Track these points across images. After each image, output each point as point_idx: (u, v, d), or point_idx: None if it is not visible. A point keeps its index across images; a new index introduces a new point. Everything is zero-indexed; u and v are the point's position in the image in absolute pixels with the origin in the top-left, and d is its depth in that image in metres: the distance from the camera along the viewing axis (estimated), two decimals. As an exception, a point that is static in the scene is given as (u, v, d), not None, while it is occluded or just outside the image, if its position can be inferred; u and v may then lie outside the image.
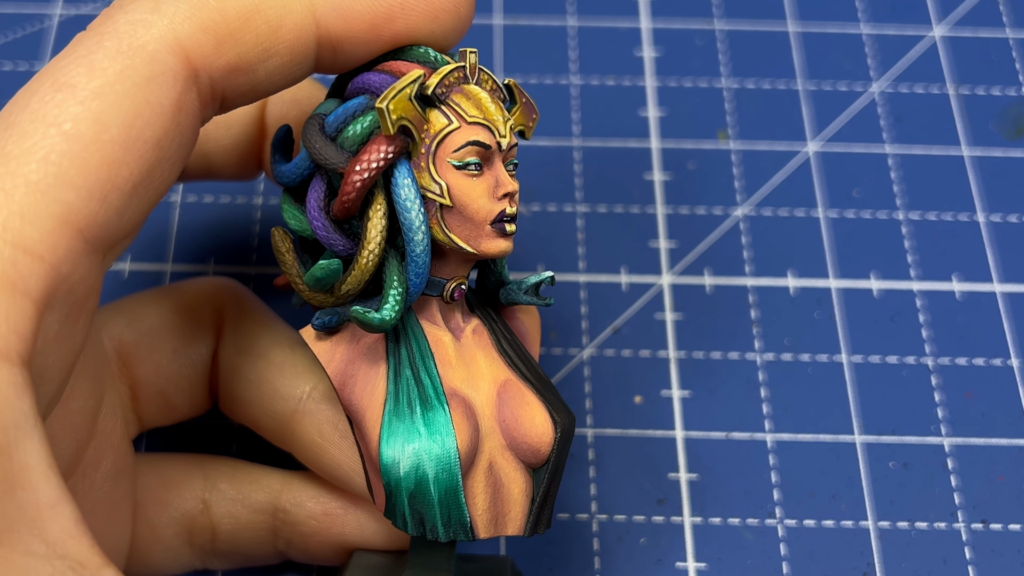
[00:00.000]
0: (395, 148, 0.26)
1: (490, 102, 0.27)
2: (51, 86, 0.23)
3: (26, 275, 0.21)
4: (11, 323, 0.21)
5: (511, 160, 0.28)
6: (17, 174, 0.22)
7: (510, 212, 0.27)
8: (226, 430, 0.36)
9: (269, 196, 0.41)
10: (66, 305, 0.23)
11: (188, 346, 0.32)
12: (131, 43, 0.24)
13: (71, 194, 0.22)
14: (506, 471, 0.28)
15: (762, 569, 0.35)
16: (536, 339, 0.31)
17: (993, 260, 0.40)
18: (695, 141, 0.43)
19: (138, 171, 0.23)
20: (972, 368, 0.38)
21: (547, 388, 0.29)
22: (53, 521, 0.21)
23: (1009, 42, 0.45)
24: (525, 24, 0.45)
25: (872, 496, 0.36)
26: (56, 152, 0.22)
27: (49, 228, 0.22)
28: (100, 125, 0.23)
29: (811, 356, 0.38)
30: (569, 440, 0.29)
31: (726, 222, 0.41)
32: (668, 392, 0.38)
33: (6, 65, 0.44)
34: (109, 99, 0.23)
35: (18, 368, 0.21)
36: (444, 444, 0.27)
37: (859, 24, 0.46)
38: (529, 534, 0.28)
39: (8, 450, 0.20)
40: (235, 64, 0.25)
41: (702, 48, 0.45)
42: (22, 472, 0.21)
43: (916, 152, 0.43)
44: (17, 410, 0.21)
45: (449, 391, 0.28)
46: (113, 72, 0.23)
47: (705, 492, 0.36)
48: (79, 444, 0.27)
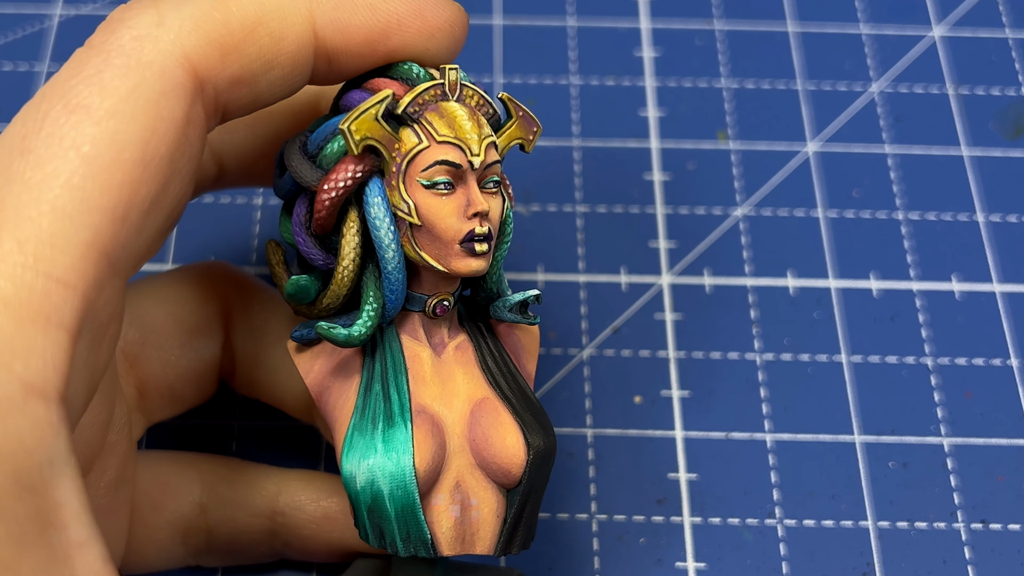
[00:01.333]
0: (363, 168, 0.27)
1: (466, 119, 0.27)
2: (64, 108, 0.23)
3: (60, 306, 0.21)
4: (48, 358, 0.21)
5: (490, 178, 0.28)
6: (42, 200, 0.22)
7: (479, 232, 0.27)
8: (226, 430, 0.36)
9: (269, 196, 0.41)
10: (92, 332, 0.22)
11: (195, 339, 0.32)
12: (139, 60, 0.24)
13: (96, 217, 0.22)
14: (475, 490, 0.28)
15: (762, 569, 0.35)
16: (532, 355, 0.31)
17: (993, 260, 0.40)
18: (695, 141, 0.43)
19: (155, 188, 0.23)
20: (972, 368, 0.38)
21: (528, 408, 0.29)
22: (82, 560, 0.21)
23: (1009, 42, 0.45)
24: (525, 24, 0.45)
25: (872, 496, 0.36)
26: (78, 175, 0.22)
27: (79, 255, 0.22)
28: (118, 145, 0.23)
29: (811, 356, 0.38)
30: (546, 463, 0.28)
31: (726, 222, 0.41)
32: (668, 392, 0.38)
33: (6, 65, 0.44)
34: (125, 118, 0.23)
35: (55, 404, 0.21)
36: (399, 462, 0.27)
37: (859, 24, 0.46)
38: (499, 554, 0.28)
39: (43, 489, 0.21)
40: (239, 76, 0.25)
41: (702, 48, 0.45)
42: (55, 511, 0.21)
43: (916, 152, 0.43)
44: (52, 448, 0.21)
45: (417, 408, 0.28)
46: (126, 90, 0.23)
47: (705, 492, 0.36)
48: (89, 458, 0.27)
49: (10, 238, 0.21)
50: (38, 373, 0.21)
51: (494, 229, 0.28)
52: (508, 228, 0.29)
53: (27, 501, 0.20)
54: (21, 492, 0.20)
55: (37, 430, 0.20)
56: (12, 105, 0.43)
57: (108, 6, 0.46)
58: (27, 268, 0.21)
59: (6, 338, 0.21)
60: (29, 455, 0.20)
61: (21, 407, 0.20)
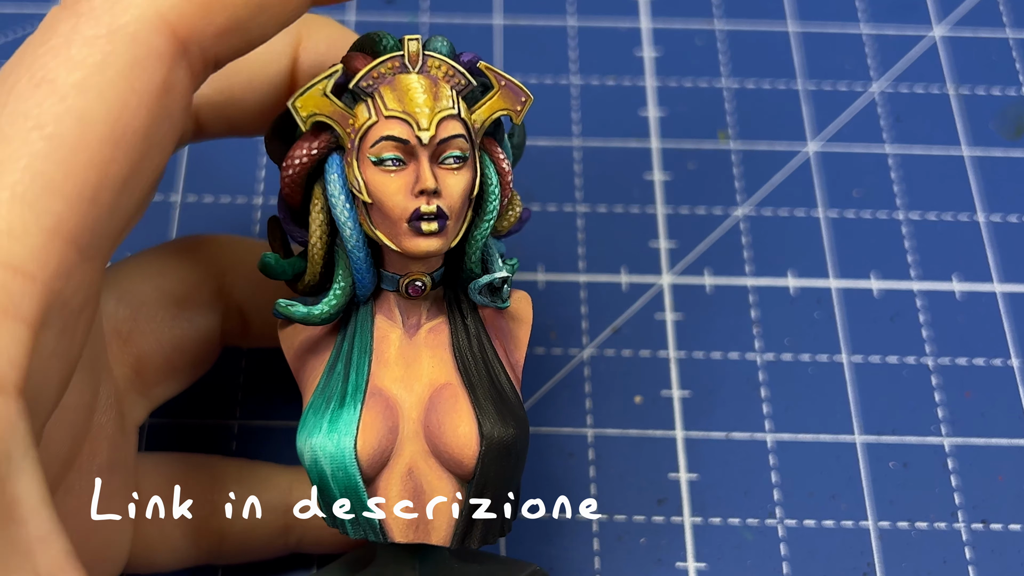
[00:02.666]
0: (318, 145, 0.26)
1: (420, 92, 0.26)
2: (29, 82, 0.22)
3: (18, 298, 0.20)
4: (3, 351, 0.20)
5: (450, 153, 0.26)
6: (2, 186, 0.21)
7: (425, 210, 0.26)
8: (226, 430, 0.36)
9: (269, 196, 0.41)
10: (61, 320, 0.22)
11: (187, 308, 0.31)
12: (110, 25, 0.22)
13: (59, 203, 0.21)
14: (428, 478, 0.27)
15: (762, 569, 0.35)
16: (519, 343, 0.29)
17: (993, 260, 0.40)
18: (695, 141, 0.43)
19: (127, 165, 0.22)
20: (972, 368, 0.38)
21: (495, 398, 0.27)
22: (44, 554, 0.20)
23: (1009, 42, 0.45)
24: (525, 24, 0.45)
25: (872, 496, 0.36)
26: (40, 158, 0.21)
27: (39, 243, 0.21)
28: (84, 123, 0.21)
29: (811, 356, 0.38)
30: (504, 456, 0.27)
31: (726, 222, 0.41)
32: (668, 392, 0.38)
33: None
34: (91, 94, 0.22)
35: (12, 399, 0.20)
36: (339, 443, 0.26)
37: (859, 24, 0.46)
38: (454, 547, 0.27)
39: (0, 484, 0.20)
40: (226, 27, 0.24)
41: (702, 48, 0.45)
42: (13, 506, 0.20)
43: (916, 152, 0.43)
44: (9, 442, 0.20)
45: (373, 389, 0.27)
46: (93, 62, 0.22)
47: (705, 492, 0.36)
48: (75, 441, 0.26)
49: None
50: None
51: (452, 207, 0.26)
52: (490, 205, 0.28)
53: None
54: None
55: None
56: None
57: (108, 6, 0.46)
58: None
59: None
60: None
61: None
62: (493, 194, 0.28)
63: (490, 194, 0.28)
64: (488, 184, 0.28)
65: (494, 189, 0.28)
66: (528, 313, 0.30)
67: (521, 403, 0.28)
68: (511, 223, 0.29)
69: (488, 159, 0.28)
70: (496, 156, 0.28)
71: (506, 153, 0.29)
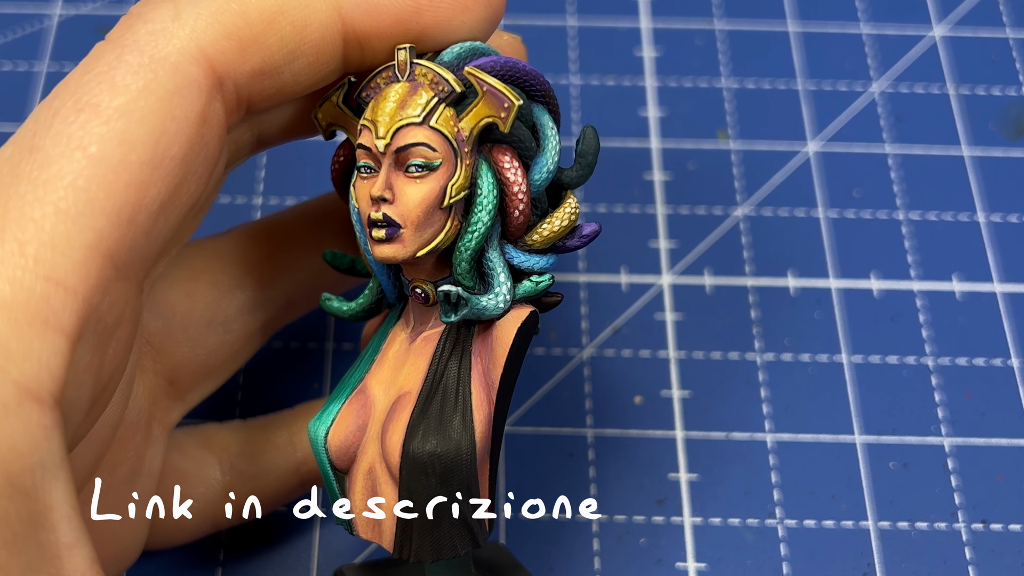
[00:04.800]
0: (344, 151, 0.28)
1: (391, 101, 0.26)
2: (73, 106, 0.23)
3: (59, 310, 0.21)
4: (43, 361, 0.21)
5: (412, 162, 0.26)
6: (46, 201, 0.22)
7: (374, 216, 0.26)
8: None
9: (269, 196, 0.41)
10: (96, 335, 0.22)
11: (219, 311, 0.31)
12: (153, 55, 0.23)
13: (101, 220, 0.22)
14: (380, 482, 0.27)
15: (762, 569, 0.35)
16: (499, 361, 0.27)
17: (993, 260, 0.40)
18: (695, 141, 0.43)
19: (165, 190, 0.23)
20: (972, 368, 0.38)
21: (439, 414, 0.26)
22: (70, 561, 0.21)
23: (1009, 42, 0.45)
24: (525, 24, 0.45)
25: (872, 496, 0.36)
26: (83, 177, 0.22)
27: (80, 258, 0.22)
28: (126, 145, 0.22)
29: (811, 356, 0.38)
30: (421, 471, 0.26)
31: (726, 222, 0.41)
32: (668, 392, 0.38)
33: (5, 65, 0.44)
34: (134, 117, 0.23)
35: (48, 408, 0.21)
36: (316, 431, 0.28)
37: (859, 24, 0.46)
38: (396, 555, 0.27)
39: (34, 492, 0.21)
40: (260, 68, 0.25)
41: (702, 48, 0.45)
42: (46, 513, 0.21)
43: (916, 152, 0.43)
44: (44, 451, 0.21)
45: (362, 387, 0.28)
46: (136, 88, 0.23)
47: (705, 492, 0.36)
48: (97, 455, 0.27)
49: (12, 239, 0.21)
50: (33, 377, 0.21)
51: (406, 216, 0.26)
52: (474, 216, 0.27)
53: (18, 503, 0.20)
54: (12, 494, 0.20)
55: (30, 434, 0.21)
56: (11, 105, 0.43)
57: (108, 6, 0.46)
58: (27, 271, 0.21)
59: (2, 341, 0.21)
60: (21, 458, 0.20)
61: (15, 410, 0.20)
62: (480, 205, 0.26)
63: (477, 205, 0.27)
64: (477, 194, 0.27)
65: (482, 200, 0.27)
66: (509, 334, 0.27)
67: (478, 424, 0.26)
68: (549, 236, 0.28)
69: (487, 168, 0.27)
70: (500, 165, 0.27)
71: (552, 163, 0.28)
